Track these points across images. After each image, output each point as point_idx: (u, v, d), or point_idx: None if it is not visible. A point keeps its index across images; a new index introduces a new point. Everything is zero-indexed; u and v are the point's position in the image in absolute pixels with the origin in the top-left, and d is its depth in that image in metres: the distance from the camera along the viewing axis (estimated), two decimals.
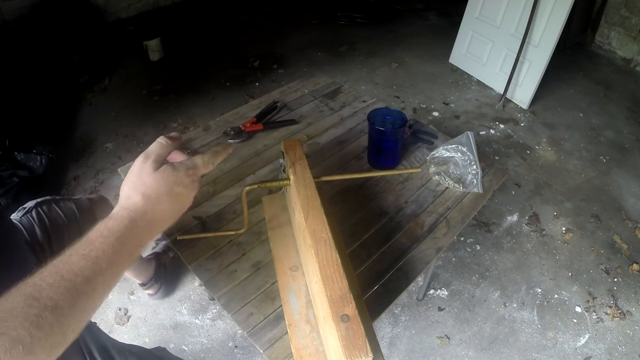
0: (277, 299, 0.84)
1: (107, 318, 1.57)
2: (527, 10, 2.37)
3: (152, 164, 0.49)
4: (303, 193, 0.80)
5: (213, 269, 0.90)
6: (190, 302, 1.62)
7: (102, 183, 2.09)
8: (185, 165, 0.52)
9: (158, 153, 0.51)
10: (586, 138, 2.46)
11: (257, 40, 3.30)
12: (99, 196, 1.11)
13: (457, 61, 3.05)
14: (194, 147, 1.22)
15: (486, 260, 1.79)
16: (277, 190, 1.05)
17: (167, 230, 0.99)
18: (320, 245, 0.71)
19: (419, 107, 2.65)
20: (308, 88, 1.49)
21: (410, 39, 3.40)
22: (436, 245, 0.97)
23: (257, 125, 1.27)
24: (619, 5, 3.02)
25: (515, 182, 2.14)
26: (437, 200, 1.07)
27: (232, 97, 2.69)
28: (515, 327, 1.57)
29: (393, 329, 1.55)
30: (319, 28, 3.51)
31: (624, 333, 1.56)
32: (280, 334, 0.79)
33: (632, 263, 1.78)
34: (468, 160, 1.11)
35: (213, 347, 1.49)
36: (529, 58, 2.51)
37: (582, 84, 2.92)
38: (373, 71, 2.99)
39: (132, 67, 2.99)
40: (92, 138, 2.36)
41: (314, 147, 1.23)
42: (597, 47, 3.30)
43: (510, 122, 2.55)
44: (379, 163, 1.16)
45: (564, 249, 1.85)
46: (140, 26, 3.15)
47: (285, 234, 0.95)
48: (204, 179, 1.12)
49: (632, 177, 2.21)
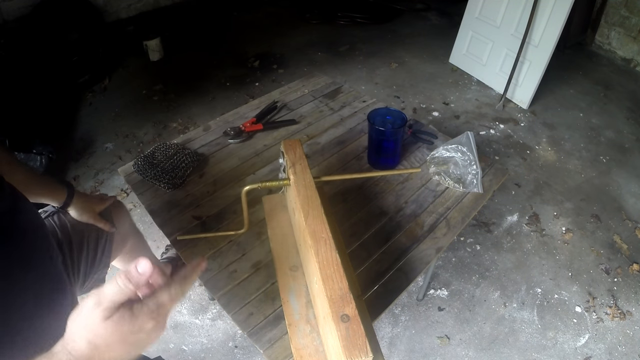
0: (277, 299, 0.84)
1: None
2: (527, 10, 2.37)
3: (102, 312, 0.41)
4: (303, 193, 0.80)
5: (213, 269, 0.90)
6: (190, 302, 1.62)
7: (102, 183, 2.09)
8: (148, 307, 0.43)
9: (112, 300, 0.42)
10: (586, 138, 2.46)
11: (257, 40, 3.30)
12: (115, 200, 1.11)
13: (457, 61, 3.05)
14: (193, 147, 1.22)
15: (486, 260, 1.79)
16: (277, 190, 1.05)
17: (168, 230, 0.99)
18: (320, 245, 0.71)
19: (419, 107, 2.65)
20: (308, 88, 1.49)
21: (410, 39, 3.40)
22: (436, 245, 0.97)
23: (257, 125, 1.27)
24: (619, 5, 3.02)
25: (515, 182, 2.14)
26: (437, 200, 1.07)
27: (232, 97, 2.69)
28: (515, 327, 1.57)
29: (393, 329, 1.55)
30: (319, 28, 3.51)
31: (624, 333, 1.56)
32: (280, 334, 0.79)
33: (632, 263, 1.78)
34: (468, 160, 1.11)
35: (213, 347, 1.49)
36: (529, 58, 2.51)
37: (582, 84, 2.92)
38: (373, 71, 2.99)
39: (132, 67, 2.99)
40: (92, 138, 2.36)
41: (314, 147, 1.24)
42: (597, 47, 3.30)
43: (510, 122, 2.55)
44: (379, 163, 1.16)
45: (564, 249, 1.85)
46: (140, 26, 3.15)
47: (285, 234, 0.95)
48: (203, 179, 1.12)
49: (632, 177, 2.21)
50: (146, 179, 1.10)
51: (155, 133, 2.38)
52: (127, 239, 1.16)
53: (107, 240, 1.02)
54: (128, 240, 1.17)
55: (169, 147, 1.17)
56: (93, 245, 0.98)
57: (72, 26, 2.65)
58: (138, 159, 1.13)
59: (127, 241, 1.16)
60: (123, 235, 1.11)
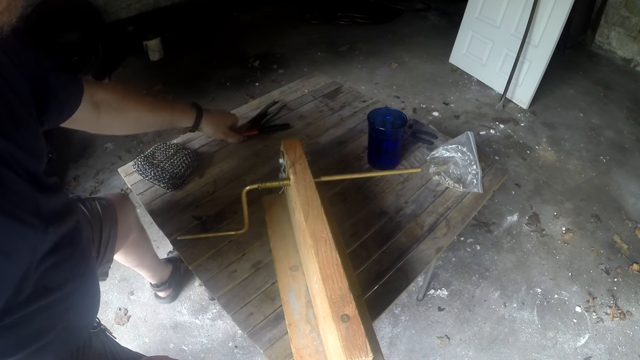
0: (277, 299, 0.84)
1: (107, 318, 1.57)
2: (527, 10, 2.37)
3: None
4: (303, 193, 0.80)
5: (213, 269, 0.90)
6: (190, 302, 1.62)
7: (102, 183, 2.09)
8: None
9: None
10: (586, 138, 2.46)
11: (257, 40, 3.30)
12: (120, 194, 1.12)
13: (457, 61, 3.05)
14: (193, 147, 1.22)
15: (486, 260, 1.79)
16: (277, 190, 1.05)
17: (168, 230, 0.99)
18: (320, 245, 0.71)
19: (419, 107, 2.65)
20: (308, 88, 1.49)
21: (410, 39, 3.40)
22: (436, 245, 0.97)
23: (253, 131, 1.25)
24: (619, 5, 3.02)
25: (515, 182, 2.14)
26: (437, 200, 1.07)
27: (232, 97, 2.69)
28: (515, 327, 1.57)
29: (393, 329, 1.55)
30: (319, 28, 3.51)
31: (624, 333, 1.56)
32: (280, 334, 0.79)
33: (632, 263, 1.78)
34: (468, 160, 1.11)
35: (213, 347, 1.49)
36: (529, 58, 2.51)
37: (582, 84, 2.92)
38: (373, 71, 2.99)
39: (132, 67, 2.99)
40: (92, 138, 2.35)
41: (314, 147, 1.23)
42: (597, 47, 3.30)
43: (510, 122, 2.55)
44: (379, 163, 1.16)
45: (564, 249, 1.85)
46: (140, 26, 3.15)
47: (285, 234, 0.95)
48: (203, 179, 1.12)
49: (632, 177, 2.21)
50: (146, 179, 1.10)
51: (155, 133, 2.38)
52: (131, 232, 1.17)
53: (110, 234, 1.02)
54: (131, 234, 1.17)
55: (169, 147, 1.17)
56: (97, 239, 0.98)
57: (72, 26, 2.65)
58: (138, 159, 1.13)
59: (130, 235, 1.17)
60: (127, 228, 1.12)
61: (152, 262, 1.43)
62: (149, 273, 1.45)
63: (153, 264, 1.44)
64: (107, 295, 1.64)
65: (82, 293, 0.67)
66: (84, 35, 2.69)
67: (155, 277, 1.49)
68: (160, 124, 1.00)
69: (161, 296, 1.57)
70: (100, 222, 0.99)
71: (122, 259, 1.25)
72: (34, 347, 0.57)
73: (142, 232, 1.29)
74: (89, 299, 0.71)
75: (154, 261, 1.44)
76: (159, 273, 1.50)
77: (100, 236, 0.99)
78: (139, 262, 1.35)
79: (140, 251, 1.31)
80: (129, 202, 1.14)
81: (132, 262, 1.30)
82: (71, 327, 0.66)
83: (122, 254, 1.22)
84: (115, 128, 0.95)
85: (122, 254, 1.22)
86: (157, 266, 1.47)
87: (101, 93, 0.83)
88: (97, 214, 0.99)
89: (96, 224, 0.98)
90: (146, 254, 1.36)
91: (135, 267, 1.37)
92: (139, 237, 1.24)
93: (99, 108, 0.83)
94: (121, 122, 0.91)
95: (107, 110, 0.85)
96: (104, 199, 1.05)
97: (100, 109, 0.83)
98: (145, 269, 1.42)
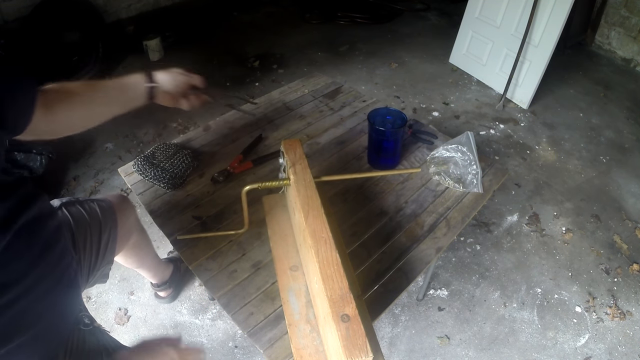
0: (277, 299, 0.84)
1: (107, 318, 1.57)
2: (527, 10, 2.37)
3: None
4: (303, 193, 0.80)
5: (213, 269, 0.90)
6: (190, 302, 1.62)
7: (102, 183, 2.09)
8: None
9: None
10: (586, 138, 2.46)
11: (257, 40, 3.30)
12: (120, 196, 1.11)
13: (457, 61, 3.05)
14: (193, 147, 1.22)
15: (486, 260, 1.79)
16: (277, 190, 1.05)
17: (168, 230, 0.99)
18: (320, 245, 0.71)
19: (419, 107, 2.65)
20: (308, 88, 1.49)
21: (410, 39, 3.40)
22: (436, 245, 0.97)
23: (246, 164, 1.16)
24: (619, 5, 3.02)
25: (515, 182, 2.14)
26: (437, 200, 1.07)
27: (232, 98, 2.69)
28: (515, 327, 1.57)
29: (393, 329, 1.55)
30: (319, 28, 3.51)
31: (624, 333, 1.56)
32: (280, 334, 0.79)
33: (632, 263, 1.78)
34: (468, 160, 1.11)
35: (213, 347, 1.49)
36: (529, 58, 2.51)
37: (582, 84, 2.92)
38: (373, 71, 2.99)
39: (132, 67, 2.99)
40: (92, 138, 2.35)
41: (314, 147, 1.24)
42: (597, 47, 3.30)
43: (510, 122, 2.55)
44: (379, 163, 1.16)
45: (564, 249, 1.85)
46: (140, 26, 3.15)
47: (285, 234, 0.95)
48: (203, 179, 1.12)
49: (632, 177, 2.21)
50: (146, 179, 1.10)
51: (155, 133, 2.38)
52: (131, 235, 1.16)
53: (110, 236, 1.02)
54: (132, 236, 1.17)
55: (169, 147, 1.17)
56: (96, 241, 0.98)
57: (72, 26, 2.64)
58: (138, 159, 1.13)
59: (131, 237, 1.16)
60: (127, 230, 1.11)
61: (153, 263, 1.43)
62: (150, 273, 1.45)
63: (154, 265, 1.44)
64: (107, 295, 1.64)
65: (57, 292, 0.67)
66: (84, 35, 2.69)
67: (157, 277, 1.49)
68: (119, 105, 0.88)
69: (162, 296, 1.57)
70: (100, 225, 0.99)
71: (122, 260, 1.25)
72: (7, 348, 0.57)
73: (143, 233, 1.29)
74: (64, 298, 0.71)
75: (155, 262, 1.44)
76: (160, 273, 1.50)
77: (100, 238, 0.98)
78: (139, 263, 1.35)
79: (141, 253, 1.31)
80: (129, 204, 1.14)
81: (132, 263, 1.30)
82: (48, 325, 0.66)
83: (123, 256, 1.22)
84: (63, 127, 0.86)
85: (122, 256, 1.21)
86: (158, 266, 1.47)
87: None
88: (95, 216, 0.98)
89: (95, 226, 0.98)
90: (147, 255, 1.36)
91: (136, 267, 1.37)
92: (139, 239, 1.24)
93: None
94: (59, 122, 0.82)
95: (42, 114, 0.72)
96: (104, 200, 1.05)
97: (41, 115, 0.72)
98: (146, 270, 1.42)
